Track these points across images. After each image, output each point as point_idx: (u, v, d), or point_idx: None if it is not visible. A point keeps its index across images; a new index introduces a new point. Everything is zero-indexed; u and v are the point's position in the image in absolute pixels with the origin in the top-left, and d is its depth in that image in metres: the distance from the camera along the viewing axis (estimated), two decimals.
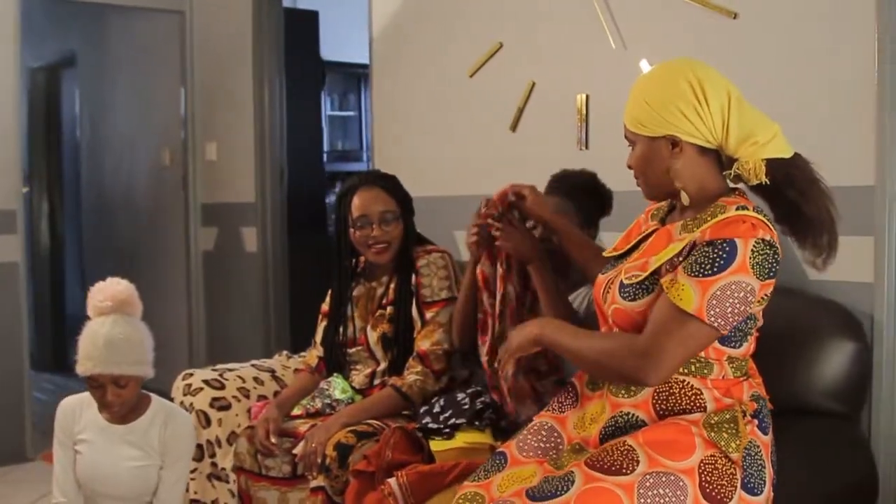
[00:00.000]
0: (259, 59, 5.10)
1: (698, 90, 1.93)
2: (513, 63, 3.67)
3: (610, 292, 2.04)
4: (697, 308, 1.84)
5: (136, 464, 2.70)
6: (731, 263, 1.84)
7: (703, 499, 1.83)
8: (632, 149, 2.06)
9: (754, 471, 1.92)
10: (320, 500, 2.61)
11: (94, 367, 2.59)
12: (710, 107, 1.93)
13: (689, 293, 1.85)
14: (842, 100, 2.72)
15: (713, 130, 1.94)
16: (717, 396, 1.93)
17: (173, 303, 5.67)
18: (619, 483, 1.81)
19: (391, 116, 4.26)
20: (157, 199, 5.95)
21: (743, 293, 1.85)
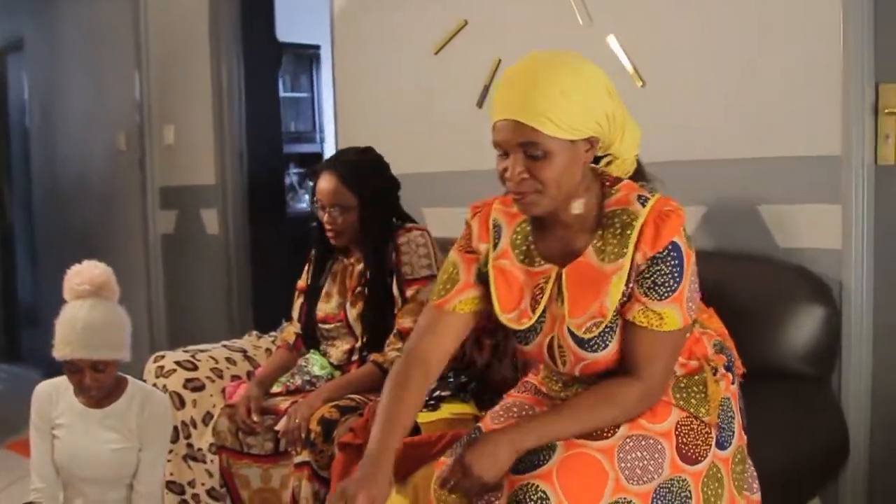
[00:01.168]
0: (216, 39, 5.04)
1: (612, 93, 1.85)
2: (478, 40, 3.69)
3: (567, 353, 1.92)
4: (683, 320, 1.84)
5: (114, 447, 2.69)
6: (684, 263, 1.82)
7: (680, 459, 1.86)
8: (531, 159, 1.80)
9: (726, 425, 1.96)
10: (305, 475, 2.62)
11: (72, 352, 2.57)
12: (617, 108, 1.86)
13: (671, 315, 1.83)
14: (809, 71, 2.78)
15: (615, 131, 1.88)
16: (682, 362, 1.96)
17: (132, 287, 5.60)
18: (599, 447, 1.83)
19: (354, 95, 4.26)
20: (114, 184, 5.87)
21: (695, 275, 1.88)
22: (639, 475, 1.82)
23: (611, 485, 1.79)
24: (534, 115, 1.76)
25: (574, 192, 1.86)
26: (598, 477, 1.80)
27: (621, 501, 1.79)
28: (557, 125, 1.77)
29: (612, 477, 1.80)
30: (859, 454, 2.72)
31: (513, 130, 1.79)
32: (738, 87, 2.91)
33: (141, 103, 5.47)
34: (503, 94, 1.82)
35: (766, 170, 2.86)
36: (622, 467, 1.81)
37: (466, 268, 2.02)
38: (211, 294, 5.24)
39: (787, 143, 2.82)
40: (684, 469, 1.87)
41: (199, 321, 5.30)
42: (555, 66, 1.80)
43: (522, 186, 1.83)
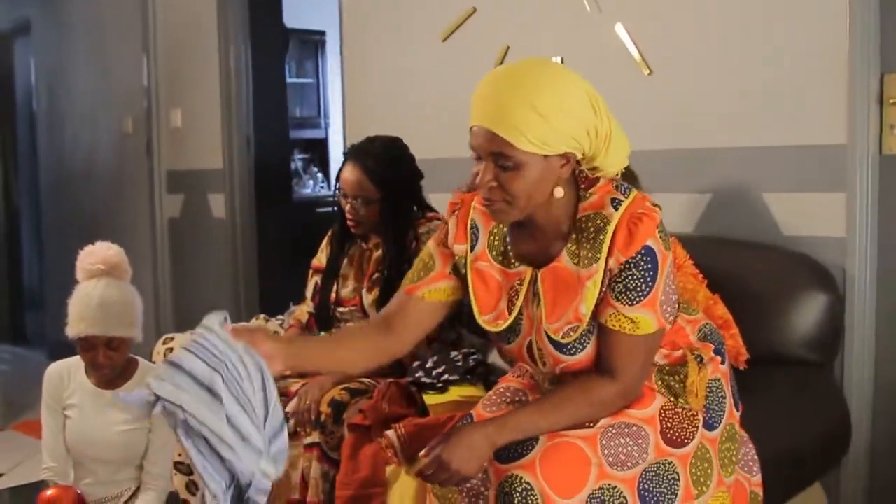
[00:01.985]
0: (224, 24, 5.06)
1: (595, 103, 1.81)
2: (487, 27, 3.70)
3: (546, 356, 1.93)
4: (658, 323, 1.84)
5: (124, 428, 2.72)
6: (658, 267, 1.81)
7: (665, 444, 1.88)
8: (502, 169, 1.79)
9: (716, 406, 1.97)
10: (315, 456, 2.64)
11: (87, 329, 2.60)
12: (602, 121, 1.82)
13: (645, 320, 1.82)
14: (815, 60, 2.80)
15: (599, 144, 1.84)
16: (665, 353, 1.97)
17: (139, 270, 5.55)
18: (581, 436, 1.84)
19: (363, 82, 4.27)
20: (121, 168, 5.89)
21: (671, 276, 1.87)
22: (622, 461, 1.83)
23: (594, 472, 1.81)
24: (507, 128, 1.75)
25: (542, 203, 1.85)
26: (581, 465, 1.81)
27: (606, 487, 1.81)
28: (531, 140, 1.75)
29: (595, 464, 1.81)
30: (861, 441, 2.75)
31: (486, 138, 1.78)
32: (744, 75, 2.93)
33: (148, 87, 5.49)
34: (481, 101, 1.80)
35: (772, 158, 2.88)
36: (605, 454, 1.83)
37: (443, 261, 2.02)
38: (217, 278, 5.26)
39: (792, 131, 2.84)
40: (670, 453, 1.88)
41: (206, 305, 5.29)
42: (536, 81, 1.76)
43: (491, 194, 1.82)
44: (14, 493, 3.41)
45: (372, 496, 2.46)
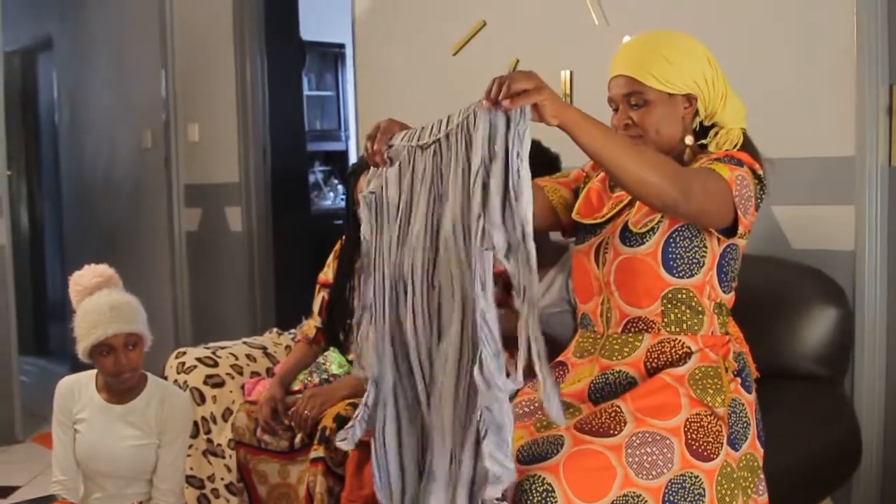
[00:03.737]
0: (240, 38, 5.10)
1: (711, 60, 2.08)
2: (497, 40, 3.70)
3: (608, 250, 2.07)
4: (729, 179, 1.94)
5: (134, 443, 2.73)
6: (740, 164, 1.99)
7: (690, 455, 1.88)
8: (634, 108, 2.05)
9: (739, 427, 1.98)
10: (320, 470, 2.65)
11: (105, 331, 2.62)
12: (717, 76, 2.08)
13: (721, 168, 1.95)
14: (823, 72, 2.78)
15: (714, 99, 2.08)
16: (704, 350, 2.00)
17: (158, 284, 5.69)
18: (606, 444, 1.86)
19: (374, 95, 4.29)
20: (140, 181, 5.94)
21: (749, 192, 1.98)
22: (647, 469, 1.84)
23: (619, 480, 1.82)
24: (638, 70, 2.04)
25: (673, 142, 2.07)
26: (606, 472, 1.82)
27: (631, 495, 1.82)
28: (657, 78, 2.02)
29: (620, 473, 1.83)
30: (872, 457, 2.72)
31: (619, 84, 2.07)
32: (752, 87, 2.89)
33: (166, 101, 5.53)
34: (617, 57, 2.10)
35: (780, 171, 2.83)
36: (629, 462, 1.84)
37: (575, 176, 2.27)
38: (234, 291, 5.29)
39: (800, 144, 2.82)
40: (696, 465, 1.88)
41: (223, 318, 5.35)
42: (664, 36, 2.10)
43: (627, 132, 2.07)
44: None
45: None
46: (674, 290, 2.02)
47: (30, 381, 5.82)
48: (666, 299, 2.02)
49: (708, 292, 2.04)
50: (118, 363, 2.65)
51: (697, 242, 2.02)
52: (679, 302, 2.02)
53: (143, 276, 5.81)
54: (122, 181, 6.14)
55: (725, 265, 2.06)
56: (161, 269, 5.68)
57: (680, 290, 2.02)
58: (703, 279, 2.03)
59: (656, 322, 2.03)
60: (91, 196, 6.56)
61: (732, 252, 2.07)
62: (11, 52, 7.16)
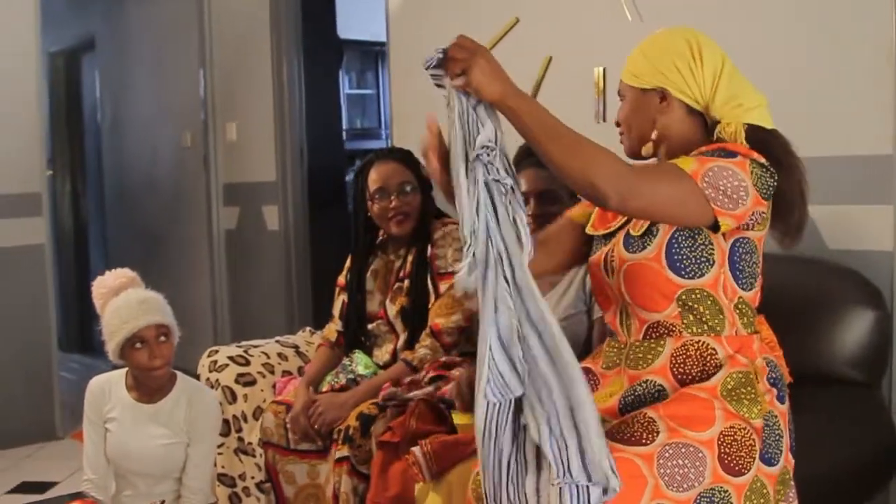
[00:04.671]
0: (277, 38, 5.12)
1: (695, 49, 2.01)
2: (530, 38, 3.65)
3: (615, 258, 2.02)
4: (693, 171, 1.86)
5: (163, 442, 2.74)
6: (724, 156, 1.90)
7: (722, 470, 1.83)
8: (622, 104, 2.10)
9: (772, 441, 1.92)
10: (345, 470, 2.64)
11: (137, 323, 2.64)
12: (703, 66, 1.99)
13: (688, 161, 1.89)
14: (859, 69, 2.72)
15: (702, 89, 2.00)
16: (730, 354, 1.93)
17: (197, 282, 5.73)
18: (638, 453, 1.82)
19: (409, 93, 4.27)
20: (179, 180, 5.99)
21: (737, 183, 1.87)
22: (678, 482, 1.80)
23: (649, 490, 1.78)
24: (624, 68, 2.10)
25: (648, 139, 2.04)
26: (636, 480, 1.79)
27: None
28: (632, 73, 2.06)
29: (651, 483, 1.79)
30: None
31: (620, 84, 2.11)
32: (788, 85, 2.85)
33: (205, 101, 5.57)
34: None
35: (816, 169, 2.75)
36: (661, 473, 1.80)
37: None
38: (271, 289, 5.31)
39: (837, 142, 2.76)
40: (727, 479, 1.84)
41: (260, 316, 5.38)
42: (656, 33, 2.08)
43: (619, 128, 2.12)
44: None
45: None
46: (687, 291, 1.95)
47: (74, 378, 5.89)
48: (681, 301, 1.95)
49: (724, 290, 1.96)
50: (152, 355, 2.66)
51: (701, 240, 1.94)
52: (696, 302, 1.95)
53: (182, 275, 5.86)
54: (163, 180, 6.20)
55: (738, 260, 1.97)
56: (200, 267, 5.72)
57: (693, 290, 1.95)
58: (715, 277, 1.95)
59: (676, 325, 1.97)
60: (132, 195, 6.63)
61: (744, 245, 1.97)
62: (56, 52, 7.26)
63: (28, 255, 4.87)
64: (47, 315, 4.95)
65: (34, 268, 4.90)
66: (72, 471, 4.22)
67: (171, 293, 2.81)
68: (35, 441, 4.81)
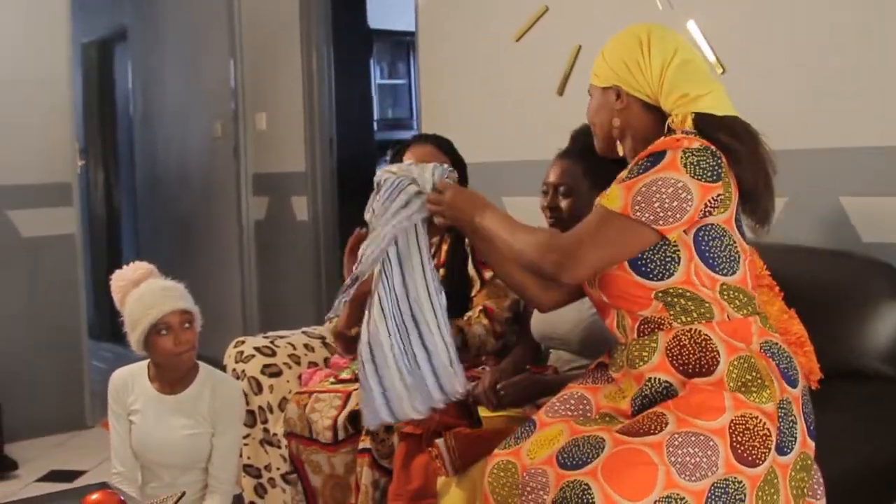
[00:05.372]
0: (306, 28, 5.11)
1: (644, 45, 2.02)
2: (559, 27, 3.63)
3: None
4: (622, 206, 1.87)
5: (187, 432, 2.74)
6: (657, 165, 1.88)
7: (735, 460, 1.81)
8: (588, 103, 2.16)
9: (786, 428, 1.89)
10: (366, 461, 2.63)
11: (162, 309, 2.65)
12: (651, 61, 2.01)
13: (615, 194, 1.90)
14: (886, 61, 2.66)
15: (651, 84, 2.01)
16: (725, 339, 1.90)
17: (227, 272, 5.74)
18: (646, 442, 1.81)
19: (438, 83, 4.25)
20: (210, 170, 6.00)
21: (672, 188, 1.85)
22: (691, 470, 1.78)
23: (662, 478, 1.77)
24: None
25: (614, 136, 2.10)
26: (648, 468, 1.78)
27: (674, 497, 1.76)
28: (594, 73, 2.12)
29: (662, 470, 1.77)
30: None
31: None
32: (822, 74, 2.80)
33: (235, 91, 5.57)
34: None
35: (849, 160, 2.74)
36: (672, 461, 1.78)
37: None
38: (300, 280, 5.31)
39: (871, 131, 2.70)
40: (741, 470, 1.81)
41: (289, 306, 5.38)
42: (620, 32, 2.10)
43: None
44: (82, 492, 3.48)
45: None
46: (662, 291, 1.93)
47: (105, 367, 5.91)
48: (660, 297, 1.93)
49: (701, 281, 1.92)
50: (178, 341, 2.67)
51: (662, 243, 1.91)
52: (676, 297, 1.93)
53: (212, 265, 5.88)
54: (194, 170, 6.21)
55: (707, 248, 1.92)
56: (230, 257, 5.73)
57: (668, 289, 1.93)
58: (686, 273, 1.92)
59: (665, 318, 1.94)
60: (164, 185, 6.66)
61: (710, 232, 1.92)
62: (89, 42, 7.30)
63: (59, 245, 4.90)
64: (78, 304, 4.98)
65: (65, 257, 4.94)
66: (100, 460, 4.24)
67: (200, 283, 2.82)
68: (65, 430, 4.85)
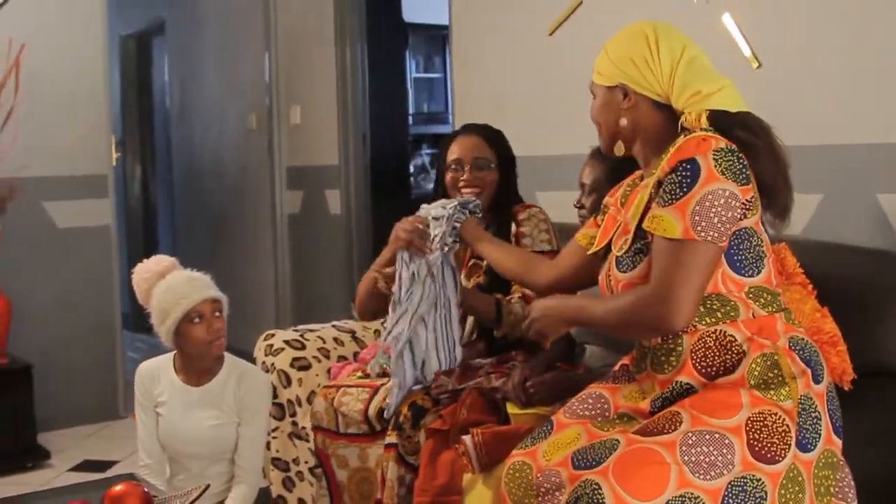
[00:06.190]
0: (341, 21, 5.11)
1: (652, 43, 2.00)
2: (593, 20, 3.58)
3: (612, 276, 2.03)
4: (683, 230, 1.83)
5: (213, 423, 2.74)
6: (699, 177, 1.83)
7: (753, 458, 1.78)
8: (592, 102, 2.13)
9: (809, 425, 1.85)
10: (392, 456, 2.61)
11: (194, 298, 2.66)
12: (660, 58, 1.99)
13: (670, 221, 1.85)
14: None
15: (661, 82, 1.99)
16: (750, 336, 1.88)
17: (261, 265, 5.76)
18: (658, 441, 1.79)
19: (471, 77, 4.23)
20: (245, 164, 6.02)
21: (723, 199, 1.83)
22: (705, 469, 1.75)
23: (675, 477, 1.74)
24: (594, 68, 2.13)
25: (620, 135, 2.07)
26: (659, 468, 1.76)
27: (689, 496, 1.73)
28: (597, 71, 2.11)
29: (675, 469, 1.75)
30: None
31: None
32: (859, 66, 2.75)
33: (269, 84, 5.58)
34: None
35: (888, 156, 2.69)
36: (685, 460, 1.76)
37: (602, 212, 2.26)
38: (334, 273, 5.31)
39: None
40: (759, 467, 1.78)
41: (323, 300, 5.39)
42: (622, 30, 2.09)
43: None
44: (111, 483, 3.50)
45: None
46: None
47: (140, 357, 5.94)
48: None
49: (726, 286, 1.90)
50: (210, 329, 2.68)
51: None
52: (703, 299, 1.90)
53: (247, 258, 5.90)
54: (229, 164, 6.24)
55: (736, 253, 1.90)
56: (264, 250, 5.75)
57: None
58: (714, 283, 1.90)
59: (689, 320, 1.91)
60: (200, 178, 6.69)
61: (741, 235, 1.90)
62: (127, 35, 7.35)
63: (94, 237, 4.94)
64: (112, 295, 5.01)
65: (100, 249, 4.97)
66: (132, 450, 4.24)
67: (235, 276, 2.84)
68: (98, 420, 4.89)
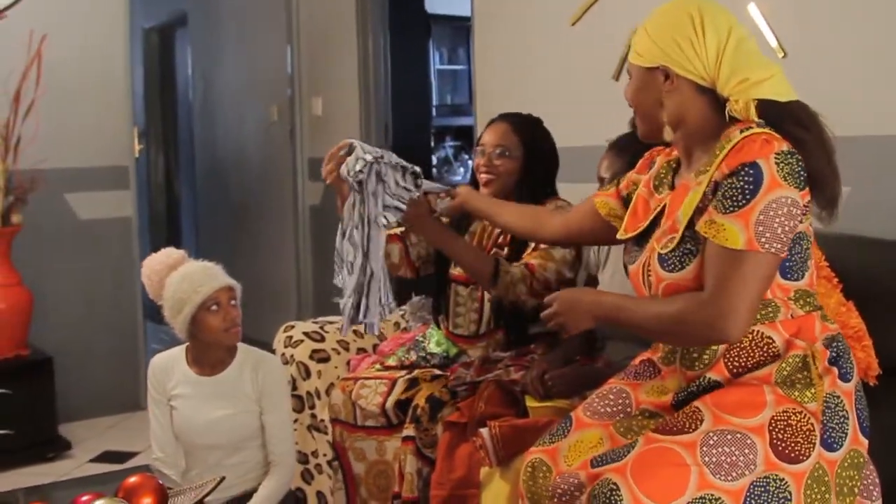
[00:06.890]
0: (363, 13, 5.08)
1: (697, 23, 1.88)
2: (615, 10, 3.55)
3: (652, 273, 1.94)
4: (747, 241, 1.75)
5: (228, 412, 2.73)
6: (762, 184, 1.75)
7: (776, 457, 1.74)
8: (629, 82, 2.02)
9: (835, 424, 1.81)
10: (410, 449, 2.59)
11: (211, 286, 2.65)
12: (706, 40, 1.87)
13: (733, 230, 1.76)
14: None
15: (706, 65, 1.87)
16: (788, 339, 1.84)
17: (282, 257, 5.75)
18: (679, 441, 1.75)
19: (493, 68, 4.20)
20: (266, 155, 6.02)
21: (786, 208, 1.76)
22: (727, 470, 1.72)
23: (695, 479, 1.71)
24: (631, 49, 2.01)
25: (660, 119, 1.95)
26: (679, 468, 1.72)
27: (709, 498, 1.70)
28: (636, 51, 1.97)
29: (695, 471, 1.71)
30: None
31: None
32: (886, 58, 2.69)
33: (291, 76, 5.57)
34: None
35: None
36: (706, 461, 1.72)
37: (626, 184, 2.21)
38: None
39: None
40: (782, 467, 1.74)
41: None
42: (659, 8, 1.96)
43: None
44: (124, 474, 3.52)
45: (466, 497, 2.40)
46: None
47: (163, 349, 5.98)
48: None
49: (773, 292, 1.85)
50: (228, 316, 2.67)
51: None
52: None
53: (269, 250, 5.90)
54: (251, 155, 6.24)
55: (788, 259, 1.84)
56: (286, 242, 5.74)
57: None
58: None
59: None
60: (222, 170, 6.70)
61: (792, 241, 1.84)
62: (150, 28, 7.37)
63: (116, 228, 4.95)
64: (134, 286, 5.01)
65: (122, 240, 4.98)
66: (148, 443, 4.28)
67: (256, 267, 2.82)
68: (119, 411, 4.91)
